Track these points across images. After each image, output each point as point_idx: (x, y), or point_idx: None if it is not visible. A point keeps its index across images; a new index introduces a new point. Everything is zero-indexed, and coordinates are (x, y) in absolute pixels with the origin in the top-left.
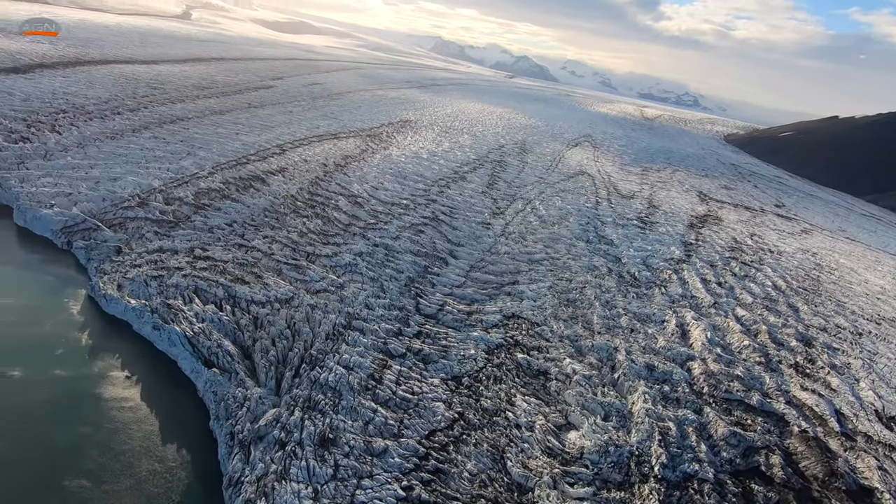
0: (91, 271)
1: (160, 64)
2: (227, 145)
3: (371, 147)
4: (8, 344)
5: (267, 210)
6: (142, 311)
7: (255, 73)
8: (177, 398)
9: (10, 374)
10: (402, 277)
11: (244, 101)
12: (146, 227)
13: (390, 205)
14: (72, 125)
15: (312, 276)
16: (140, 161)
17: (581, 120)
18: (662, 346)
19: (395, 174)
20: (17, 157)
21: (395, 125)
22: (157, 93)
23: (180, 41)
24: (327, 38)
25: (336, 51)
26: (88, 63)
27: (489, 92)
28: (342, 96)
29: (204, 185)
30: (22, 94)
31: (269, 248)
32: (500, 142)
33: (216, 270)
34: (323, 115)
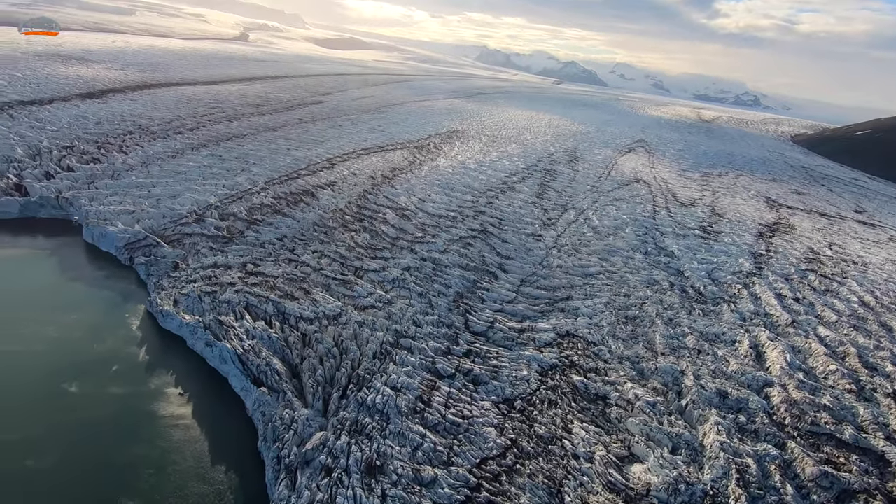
0: (150, 287)
1: (219, 84)
2: (279, 160)
3: (418, 159)
4: (71, 360)
5: (316, 224)
6: (195, 327)
7: (306, 89)
8: (227, 417)
9: (70, 389)
10: (451, 293)
11: (296, 117)
12: (202, 243)
13: (438, 217)
14: (137, 145)
15: (360, 291)
16: (198, 178)
17: (633, 124)
18: (735, 370)
19: (443, 186)
20: (87, 177)
21: (443, 136)
22: (215, 111)
23: (237, 62)
24: (376, 52)
25: (384, 64)
26: (154, 86)
27: (536, 99)
28: (390, 109)
29: (257, 200)
30: (95, 117)
31: (318, 262)
32: (550, 150)
33: (267, 286)
34: (371, 129)
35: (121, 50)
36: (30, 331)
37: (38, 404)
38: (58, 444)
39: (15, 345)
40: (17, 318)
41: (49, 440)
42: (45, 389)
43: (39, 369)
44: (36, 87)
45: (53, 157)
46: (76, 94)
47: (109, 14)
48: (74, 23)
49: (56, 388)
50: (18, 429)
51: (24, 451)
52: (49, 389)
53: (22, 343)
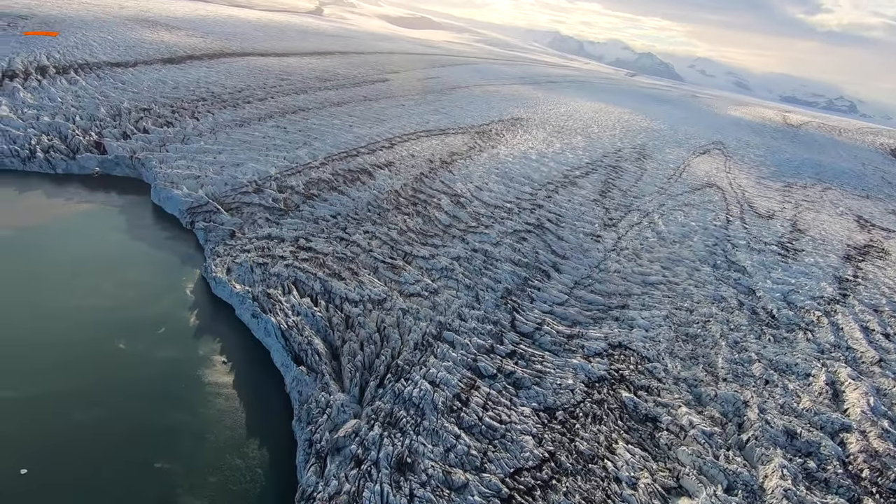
0: (207, 252)
1: (290, 56)
2: (340, 137)
3: (479, 145)
4: (124, 318)
5: (370, 204)
6: (244, 297)
7: (373, 66)
8: (265, 391)
9: (121, 346)
10: (500, 288)
11: (361, 94)
12: (259, 214)
13: (493, 207)
14: (208, 112)
15: (407, 277)
16: (261, 148)
17: (710, 124)
18: (807, 408)
19: (501, 175)
20: (160, 140)
21: (506, 123)
22: (284, 84)
23: (311, 35)
24: (446, 32)
25: (453, 46)
26: (230, 55)
27: (607, 91)
28: (455, 91)
29: (315, 175)
30: (173, 82)
31: (369, 244)
32: (617, 145)
33: (316, 263)
34: (434, 110)
35: (203, 18)
36: (90, 284)
37: (89, 358)
38: (104, 400)
39: (75, 298)
40: (80, 271)
41: (97, 395)
42: (97, 344)
43: (95, 323)
44: (123, 50)
45: (131, 119)
46: (158, 58)
47: None
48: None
49: (108, 345)
50: (69, 381)
51: (72, 403)
52: (102, 345)
53: (81, 296)
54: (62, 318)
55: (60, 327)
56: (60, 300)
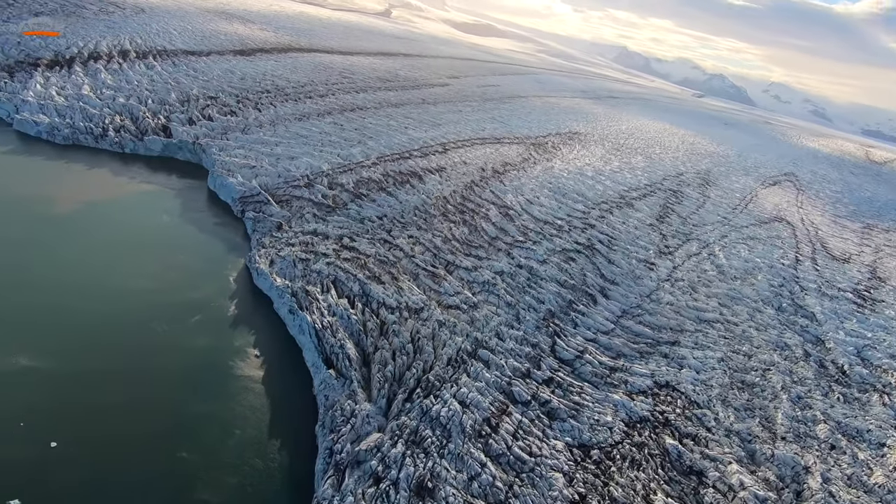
0: (253, 242)
1: (354, 55)
2: (394, 138)
3: (533, 157)
4: (164, 301)
5: (417, 209)
6: (283, 291)
7: (434, 70)
8: (293, 390)
9: (157, 329)
10: (542, 309)
11: (419, 97)
12: (307, 208)
13: (543, 223)
14: (271, 104)
15: (447, 288)
16: (317, 144)
17: (783, 154)
18: (880, 484)
19: (554, 189)
20: (222, 128)
21: (563, 136)
22: (345, 81)
23: (376, 36)
24: (509, 41)
25: (515, 54)
26: (297, 50)
27: (672, 111)
28: (513, 100)
29: (366, 174)
30: (241, 73)
31: (412, 249)
32: (679, 168)
33: (357, 264)
34: (491, 118)
35: (276, 13)
36: (136, 263)
37: (125, 338)
38: (135, 382)
39: (119, 275)
40: (129, 249)
41: (129, 375)
42: (135, 324)
43: (135, 303)
44: (199, 40)
45: (199, 105)
46: (230, 49)
47: None
48: None
49: (145, 326)
50: (103, 358)
51: (103, 381)
52: (139, 325)
53: (126, 275)
54: (103, 295)
55: (101, 303)
56: (104, 276)
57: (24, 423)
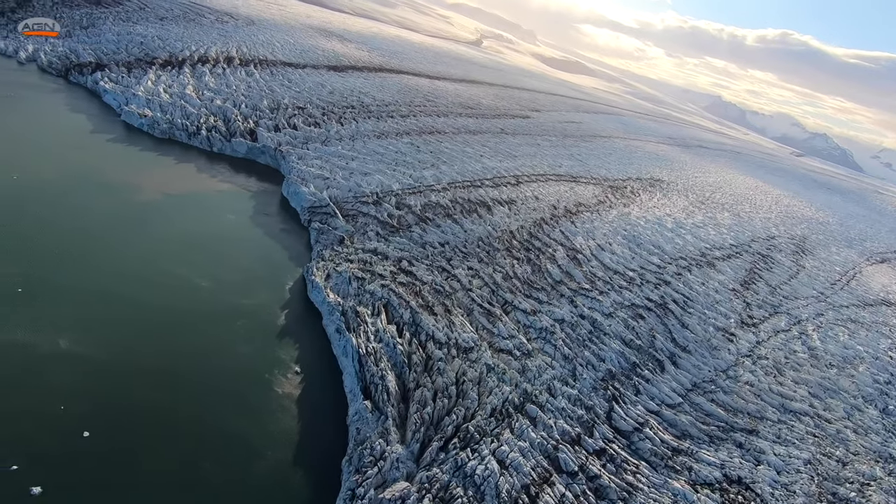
0: (313, 253)
1: (440, 80)
2: (468, 165)
3: (609, 200)
4: (218, 301)
5: (481, 240)
6: (334, 308)
7: (517, 101)
8: (327, 416)
9: (205, 331)
10: (602, 368)
11: (498, 126)
12: (371, 226)
13: (613, 272)
14: (354, 119)
15: (501, 330)
16: (391, 162)
17: (895, 228)
18: None
19: (629, 238)
20: (304, 138)
21: (644, 182)
22: (428, 104)
23: (464, 63)
24: (597, 80)
25: (601, 93)
26: (387, 70)
27: (767, 167)
28: (594, 139)
29: (434, 198)
30: (331, 87)
31: (470, 282)
32: (771, 231)
33: (412, 290)
34: (569, 155)
35: (374, 34)
36: (197, 259)
37: (170, 334)
38: (172, 381)
39: (178, 267)
40: (195, 243)
41: (167, 373)
42: (183, 320)
43: (187, 300)
44: (299, 53)
45: (287, 114)
46: (325, 64)
47: (376, 4)
48: (348, 7)
49: (193, 325)
50: (143, 352)
51: (140, 375)
52: (187, 322)
53: (185, 268)
54: (157, 287)
55: (152, 295)
56: (163, 268)
57: (64, 407)
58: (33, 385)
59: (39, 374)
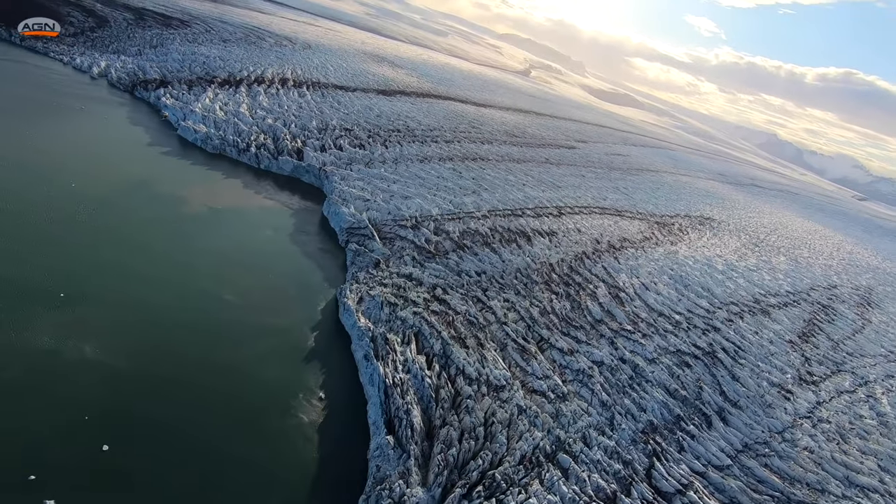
0: (348, 275)
1: (487, 108)
2: (510, 193)
3: (656, 237)
4: (248, 320)
5: (519, 271)
6: (364, 333)
7: (563, 131)
8: (348, 448)
9: (232, 350)
10: (643, 419)
11: (543, 156)
12: (408, 250)
13: (657, 314)
14: (398, 143)
15: (536, 369)
16: (432, 187)
17: None
18: None
19: (675, 278)
20: (349, 159)
21: (693, 219)
22: (473, 131)
23: (511, 92)
24: (646, 113)
25: (650, 126)
26: (434, 96)
27: (827, 211)
28: (641, 173)
29: (473, 225)
30: (378, 110)
31: (505, 315)
32: (832, 280)
33: (444, 319)
34: (614, 188)
35: (424, 61)
36: (232, 274)
37: (196, 350)
38: (192, 401)
39: (211, 284)
40: (230, 258)
41: (189, 389)
42: (210, 338)
43: (217, 315)
44: (350, 77)
45: (333, 135)
46: (374, 88)
47: (428, 33)
48: (401, 35)
49: (220, 341)
50: (167, 366)
51: (162, 390)
52: (214, 340)
53: (218, 284)
54: (188, 299)
55: (182, 308)
56: (196, 281)
57: (88, 417)
58: (59, 392)
59: (65, 381)
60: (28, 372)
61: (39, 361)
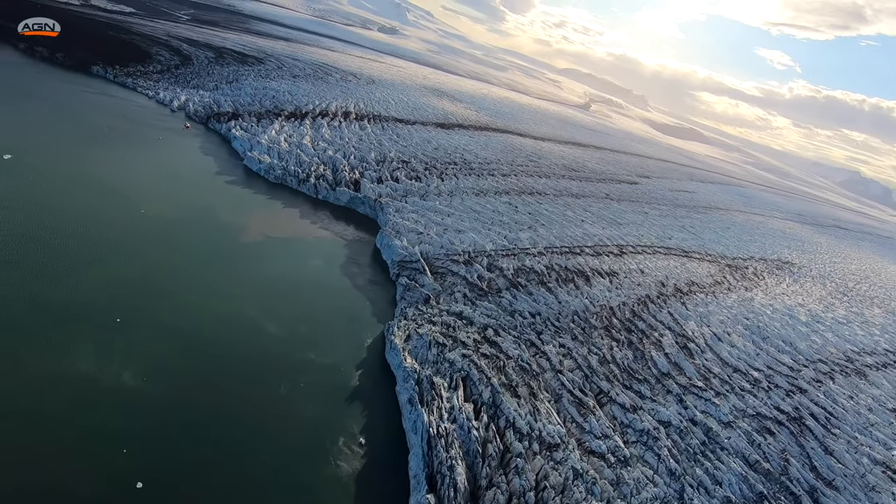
0: (397, 311)
1: (545, 141)
2: (567, 230)
3: (728, 281)
4: (288, 353)
5: (577, 314)
6: (409, 374)
7: (624, 166)
8: (389, 501)
9: (272, 384)
10: (718, 495)
11: (603, 191)
12: (459, 287)
13: (732, 370)
14: (454, 175)
15: (594, 426)
16: (487, 221)
17: None
18: None
19: (752, 329)
20: (404, 191)
21: (769, 263)
22: (530, 164)
23: (570, 126)
24: (713, 148)
25: (718, 162)
26: (492, 130)
27: None
28: (709, 211)
29: (529, 262)
30: (436, 143)
31: (560, 362)
32: None
33: (495, 364)
34: (680, 227)
35: (483, 96)
36: (279, 305)
37: (235, 385)
38: (226, 439)
39: (256, 314)
40: (280, 289)
41: (222, 428)
42: (251, 372)
43: (260, 348)
44: (410, 110)
45: (391, 167)
46: (433, 121)
47: (488, 68)
48: (462, 70)
49: (263, 379)
50: (205, 400)
51: (196, 428)
52: (254, 374)
53: (263, 315)
54: (232, 330)
55: (224, 339)
56: (241, 310)
57: (126, 451)
58: (98, 422)
59: (106, 409)
60: (70, 398)
61: (84, 388)
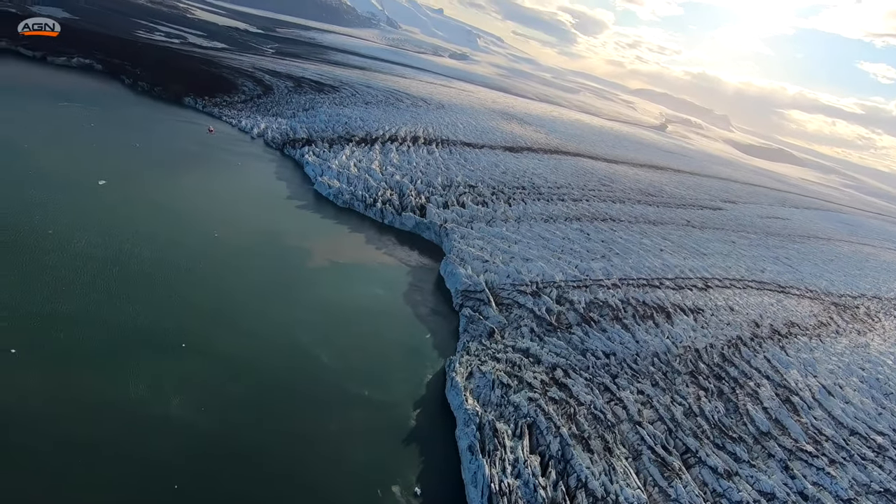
0: (459, 345)
1: (619, 164)
2: (645, 260)
3: (835, 323)
4: (343, 387)
5: (657, 356)
6: (471, 417)
7: (706, 190)
8: None
9: (323, 422)
10: None
11: (683, 218)
12: (526, 320)
13: (849, 432)
14: (522, 201)
15: (681, 493)
16: (556, 249)
17: None
18: None
19: (870, 382)
20: (470, 217)
21: (885, 303)
22: (603, 189)
23: (646, 148)
24: (807, 170)
25: (813, 186)
26: (563, 153)
27: None
28: (807, 241)
29: (602, 296)
30: (504, 167)
31: (639, 412)
32: None
33: (565, 411)
34: (774, 258)
35: (553, 119)
36: (338, 333)
37: (287, 422)
38: (275, 483)
39: (315, 344)
40: (340, 317)
41: (271, 471)
42: (305, 407)
43: (315, 381)
44: (478, 134)
45: (457, 192)
46: (501, 145)
47: (558, 91)
48: (532, 93)
49: (314, 415)
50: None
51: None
52: (308, 409)
53: (321, 345)
54: (286, 361)
55: (280, 369)
56: (301, 340)
57: (178, 486)
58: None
59: (156, 441)
60: (126, 425)
61: (140, 416)
